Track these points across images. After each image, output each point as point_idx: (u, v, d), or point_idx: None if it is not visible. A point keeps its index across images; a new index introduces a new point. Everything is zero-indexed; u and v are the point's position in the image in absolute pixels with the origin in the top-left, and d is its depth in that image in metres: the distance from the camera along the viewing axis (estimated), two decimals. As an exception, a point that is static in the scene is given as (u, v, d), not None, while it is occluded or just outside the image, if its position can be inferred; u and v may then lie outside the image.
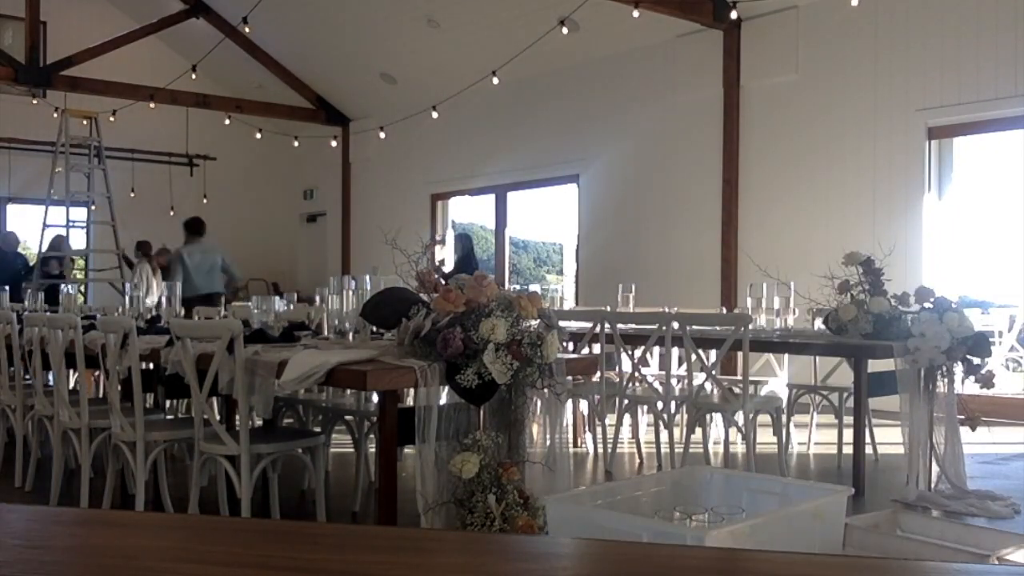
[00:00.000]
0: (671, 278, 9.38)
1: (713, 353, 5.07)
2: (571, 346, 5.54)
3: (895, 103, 7.99)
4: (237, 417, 3.82)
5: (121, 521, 1.01)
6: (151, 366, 4.29)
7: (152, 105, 11.88)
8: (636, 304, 6.58)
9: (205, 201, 14.29)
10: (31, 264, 11.62)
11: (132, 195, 13.30)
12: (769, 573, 0.81)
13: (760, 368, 5.87)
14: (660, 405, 5.33)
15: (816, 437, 6.06)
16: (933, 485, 4.61)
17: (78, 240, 12.36)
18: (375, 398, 3.97)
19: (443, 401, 3.09)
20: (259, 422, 4.35)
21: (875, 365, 4.81)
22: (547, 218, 14.55)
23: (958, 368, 4.53)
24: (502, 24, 10.18)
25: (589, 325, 5.73)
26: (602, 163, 10.51)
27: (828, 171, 8.45)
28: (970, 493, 4.50)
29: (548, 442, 3.27)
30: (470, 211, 14.14)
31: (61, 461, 4.58)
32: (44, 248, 11.77)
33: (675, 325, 5.12)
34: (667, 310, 5.61)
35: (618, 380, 5.55)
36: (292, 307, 5.79)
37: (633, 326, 5.61)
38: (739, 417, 4.90)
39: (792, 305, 5.61)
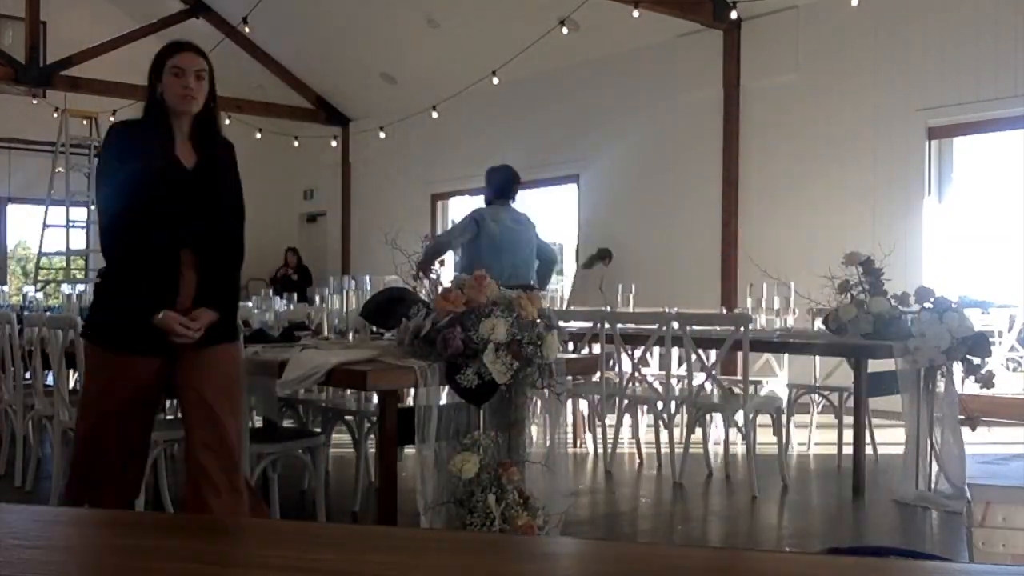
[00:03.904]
0: (671, 278, 9.37)
1: (713, 353, 5.07)
2: (571, 346, 5.54)
3: (895, 103, 7.99)
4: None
5: (121, 521, 1.01)
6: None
7: (152, 105, 11.85)
8: (636, 304, 6.58)
9: (205, 201, 14.28)
10: None
11: (132, 195, 13.28)
12: (769, 573, 0.81)
13: (760, 368, 5.87)
14: (660, 405, 5.33)
15: (816, 437, 6.06)
16: (933, 485, 4.61)
17: (78, 240, 12.37)
18: (375, 398, 3.97)
19: (443, 401, 3.09)
20: (259, 422, 4.35)
21: (875, 365, 4.81)
22: (547, 218, 14.53)
23: (958, 368, 4.53)
24: (502, 24, 10.18)
25: (589, 325, 5.73)
26: (602, 163, 10.51)
27: (828, 171, 8.45)
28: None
29: (548, 442, 3.27)
30: (470, 211, 14.12)
31: (61, 461, 4.57)
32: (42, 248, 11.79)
33: (675, 325, 5.13)
34: (667, 310, 5.61)
35: (618, 380, 5.55)
36: (292, 307, 5.80)
37: (633, 326, 5.61)
38: (739, 417, 4.91)
39: (792, 305, 5.61)
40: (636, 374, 5.55)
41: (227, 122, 12.27)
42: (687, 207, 9.59)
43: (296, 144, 13.34)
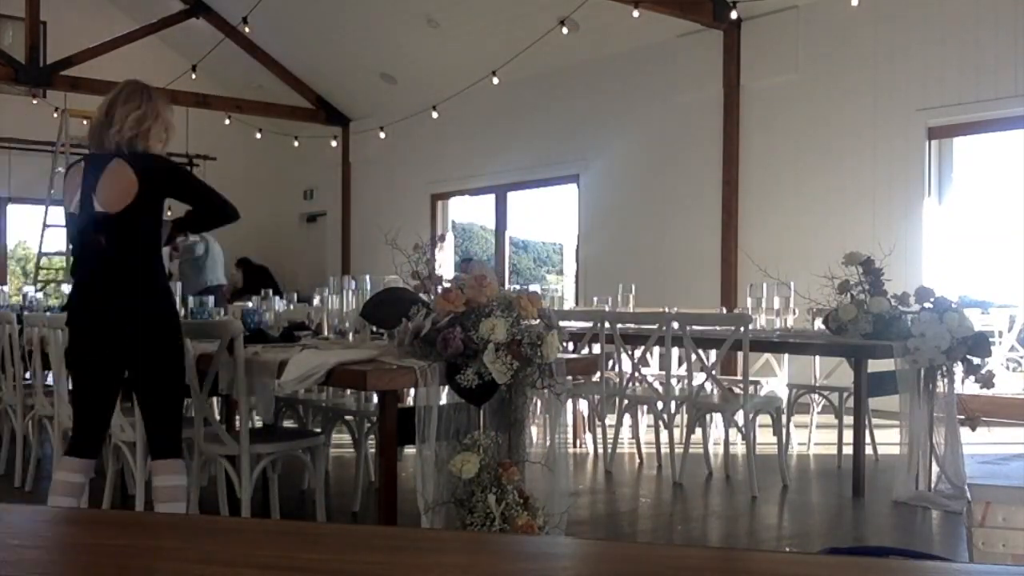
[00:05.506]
0: (671, 278, 9.37)
1: (713, 353, 5.07)
2: (571, 346, 5.54)
3: (895, 103, 7.99)
4: (237, 417, 3.82)
5: (122, 521, 1.01)
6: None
7: (152, 105, 11.84)
8: (636, 304, 6.58)
9: (205, 201, 14.26)
10: None
11: (132, 195, 13.27)
12: (769, 573, 0.81)
13: (760, 368, 5.87)
14: (660, 405, 5.33)
15: (816, 437, 6.06)
16: (933, 485, 4.61)
17: (78, 240, 12.35)
18: (375, 398, 3.97)
19: (443, 401, 3.09)
20: (259, 422, 4.35)
21: (875, 365, 4.81)
22: (547, 218, 14.55)
23: (958, 368, 4.53)
24: (502, 24, 10.17)
25: (589, 325, 5.73)
26: (602, 163, 10.51)
27: (828, 171, 8.45)
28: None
29: (548, 442, 3.27)
30: (470, 211, 14.15)
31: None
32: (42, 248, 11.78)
33: (675, 325, 5.12)
34: (667, 310, 5.61)
35: (618, 380, 5.55)
36: (292, 307, 5.80)
37: (633, 326, 5.61)
38: (739, 417, 4.90)
39: (792, 305, 5.61)
40: (636, 374, 5.55)
41: (227, 122, 12.30)
42: (687, 207, 9.58)
43: (296, 144, 13.34)
